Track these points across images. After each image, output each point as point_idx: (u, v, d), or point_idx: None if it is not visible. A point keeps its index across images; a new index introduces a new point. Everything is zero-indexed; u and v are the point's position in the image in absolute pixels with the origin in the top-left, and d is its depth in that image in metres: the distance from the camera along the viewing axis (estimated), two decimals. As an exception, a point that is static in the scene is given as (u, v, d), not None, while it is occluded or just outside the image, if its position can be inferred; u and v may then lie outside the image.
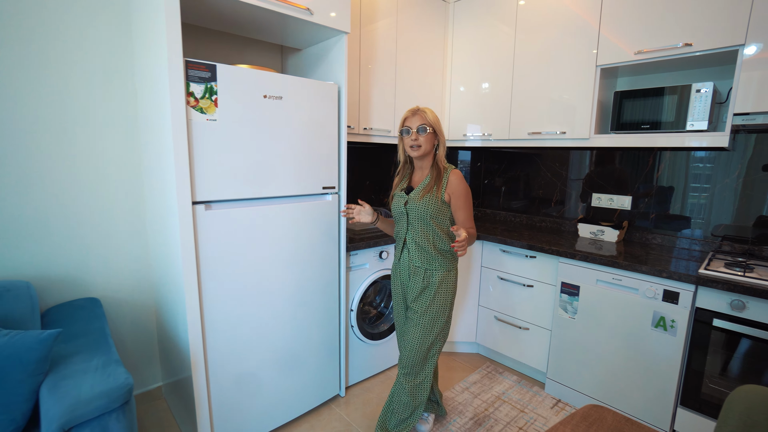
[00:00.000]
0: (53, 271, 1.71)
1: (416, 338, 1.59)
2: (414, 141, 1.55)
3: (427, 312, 1.58)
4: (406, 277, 1.65)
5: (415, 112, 1.57)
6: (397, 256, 1.69)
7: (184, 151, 1.37)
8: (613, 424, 0.86)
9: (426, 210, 1.54)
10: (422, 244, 1.57)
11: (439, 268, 1.58)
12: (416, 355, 1.59)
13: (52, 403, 1.12)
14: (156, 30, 1.38)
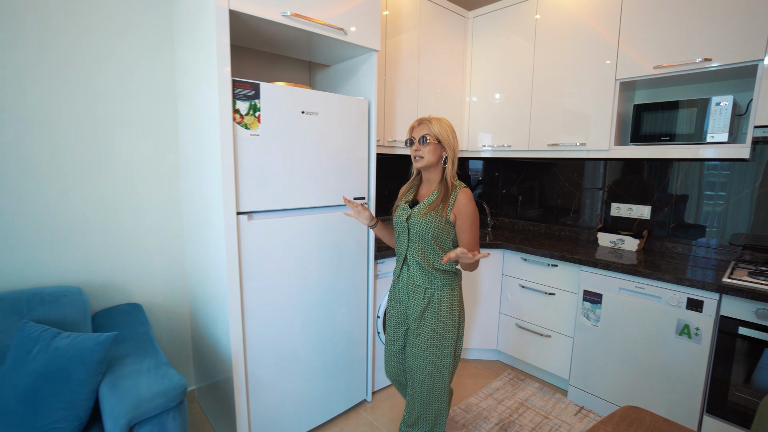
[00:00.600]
0: (98, 278, 1.80)
1: (428, 368, 1.47)
2: (416, 151, 1.47)
3: (434, 335, 1.46)
4: (405, 296, 1.54)
5: (421, 121, 1.49)
6: (396, 273, 1.58)
7: (230, 164, 1.46)
8: (651, 423, 0.91)
9: (428, 228, 1.43)
10: (422, 263, 1.47)
11: (441, 287, 1.47)
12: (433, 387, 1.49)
13: (116, 401, 1.20)
14: (205, 51, 1.47)
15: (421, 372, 1.49)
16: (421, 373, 1.49)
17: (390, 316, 1.63)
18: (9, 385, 1.26)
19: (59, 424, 1.23)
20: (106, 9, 1.68)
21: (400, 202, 1.59)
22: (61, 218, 1.67)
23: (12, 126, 1.52)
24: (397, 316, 1.61)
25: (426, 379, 1.49)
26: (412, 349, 1.51)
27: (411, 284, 1.51)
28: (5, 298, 1.44)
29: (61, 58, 1.60)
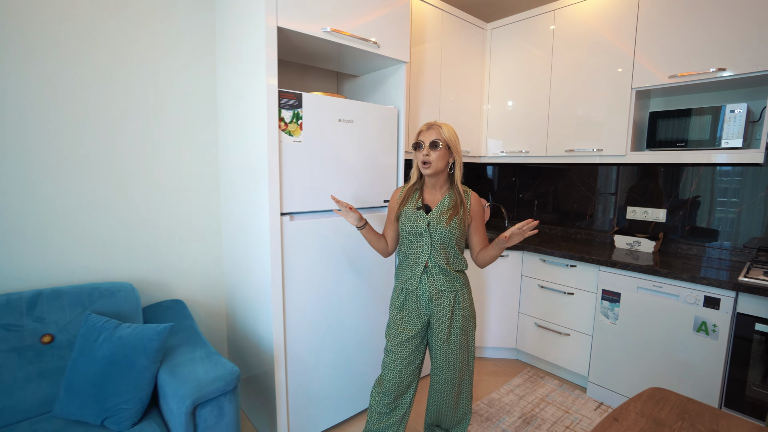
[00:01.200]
0: (145, 275, 1.92)
1: (460, 357, 1.57)
2: (426, 156, 1.45)
3: (462, 333, 1.55)
4: (425, 303, 1.53)
5: (430, 126, 1.48)
6: (411, 283, 1.53)
7: (276, 168, 1.58)
8: (677, 402, 1.00)
9: (452, 233, 1.48)
10: (444, 267, 1.50)
11: (461, 288, 1.55)
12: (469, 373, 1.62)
13: (178, 384, 1.31)
14: (254, 64, 1.59)
15: (457, 370, 1.58)
16: (459, 371, 1.58)
17: (398, 331, 1.56)
18: (80, 369, 1.38)
19: (125, 405, 1.34)
20: (155, 27, 1.82)
21: (406, 208, 1.55)
22: (114, 219, 1.79)
23: (72, 133, 1.66)
24: (412, 325, 1.55)
25: (466, 375, 1.61)
26: (446, 351, 1.55)
27: (434, 290, 1.52)
28: (69, 293, 1.56)
29: (119, 76, 1.74)
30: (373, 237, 1.63)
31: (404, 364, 1.56)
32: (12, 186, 1.54)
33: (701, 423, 0.93)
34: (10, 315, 1.42)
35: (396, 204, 1.59)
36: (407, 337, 1.55)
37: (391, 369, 1.58)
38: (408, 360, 1.56)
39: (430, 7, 2.48)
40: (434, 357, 1.61)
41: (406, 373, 1.57)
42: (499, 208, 3.25)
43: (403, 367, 1.56)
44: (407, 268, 1.56)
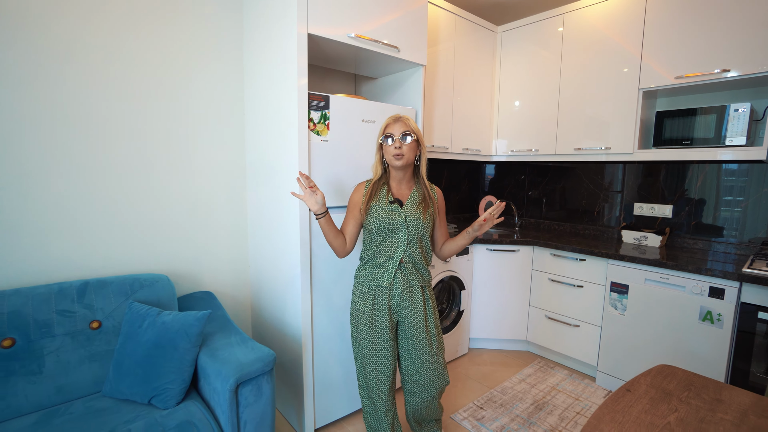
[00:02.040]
0: (177, 268, 2.03)
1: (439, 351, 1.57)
2: (398, 149, 1.44)
3: (435, 323, 1.57)
4: (396, 301, 1.52)
5: (397, 119, 1.47)
6: (384, 280, 1.49)
7: (305, 166, 1.68)
8: (684, 376, 1.09)
9: (427, 227, 1.51)
10: (418, 261, 1.51)
11: (429, 282, 1.59)
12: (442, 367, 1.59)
13: (220, 365, 1.42)
14: (285, 68, 1.70)
15: (435, 360, 1.56)
16: (436, 361, 1.56)
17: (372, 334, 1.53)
18: (128, 352, 1.49)
19: (170, 385, 1.45)
20: (187, 35, 1.93)
21: (377, 203, 1.50)
22: (151, 215, 1.91)
23: (112, 136, 1.77)
24: (383, 329, 1.52)
25: (441, 363, 1.58)
26: (423, 343, 1.53)
27: (406, 286, 1.51)
28: (113, 282, 1.68)
29: (160, 86, 1.85)
30: (331, 230, 1.50)
31: (384, 362, 1.55)
32: (67, 185, 1.66)
33: (706, 393, 1.02)
34: (64, 302, 1.53)
35: (361, 199, 1.53)
36: (382, 338, 1.53)
37: (372, 370, 1.55)
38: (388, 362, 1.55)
39: (443, 11, 2.58)
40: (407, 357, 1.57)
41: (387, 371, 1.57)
42: (509, 206, 3.35)
43: (384, 367, 1.55)
44: (378, 264, 1.51)
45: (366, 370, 1.59)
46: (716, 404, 0.98)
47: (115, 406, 1.44)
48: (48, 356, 1.46)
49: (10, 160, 1.55)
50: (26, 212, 1.60)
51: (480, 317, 2.77)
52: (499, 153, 3.09)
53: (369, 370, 1.57)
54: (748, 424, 0.90)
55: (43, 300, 1.50)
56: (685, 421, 0.92)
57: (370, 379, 1.58)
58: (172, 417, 1.35)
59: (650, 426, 0.90)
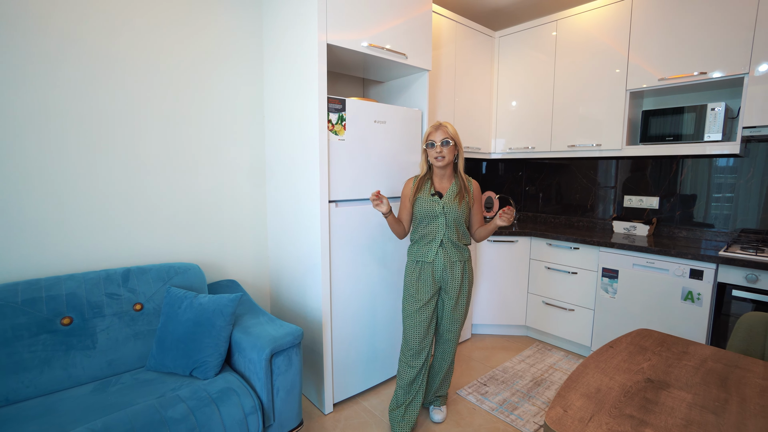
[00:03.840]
0: (205, 258, 2.21)
1: (463, 317, 1.93)
2: (439, 153, 1.75)
3: (469, 294, 1.93)
4: (440, 273, 1.83)
5: (437, 127, 1.77)
6: (428, 256, 1.82)
7: (325, 163, 1.87)
8: (659, 336, 1.28)
9: (462, 214, 1.81)
10: (456, 241, 1.82)
11: (468, 258, 1.88)
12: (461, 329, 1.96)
13: (254, 339, 1.61)
14: (306, 74, 1.89)
15: (458, 329, 1.91)
16: (458, 329, 1.92)
17: (419, 296, 1.84)
18: (170, 330, 1.67)
19: (208, 358, 1.63)
20: (210, 42, 2.12)
21: (421, 195, 1.83)
22: (181, 210, 2.09)
23: (146, 134, 1.96)
24: (427, 294, 1.84)
25: (459, 332, 1.94)
26: (455, 311, 1.88)
27: (447, 261, 1.82)
28: (152, 270, 1.86)
29: (189, 89, 2.04)
30: (393, 222, 1.87)
31: (425, 324, 1.85)
32: (110, 183, 1.84)
33: (675, 347, 1.21)
34: (111, 286, 1.72)
35: (410, 192, 1.87)
36: (424, 303, 1.84)
37: (414, 330, 1.85)
38: (427, 321, 1.86)
39: (445, 19, 2.77)
40: (443, 316, 1.91)
41: (426, 332, 1.86)
42: (507, 200, 3.54)
43: (424, 328, 1.85)
44: (424, 244, 1.85)
45: (407, 333, 1.88)
46: (682, 355, 1.17)
47: (160, 378, 1.62)
48: (100, 333, 1.64)
49: (64, 163, 1.73)
50: (77, 208, 1.78)
51: (482, 304, 2.96)
52: (497, 151, 3.29)
53: (409, 331, 1.87)
54: (705, 367, 1.09)
55: (94, 284, 1.68)
56: (656, 366, 1.11)
57: (410, 339, 1.86)
58: (213, 385, 1.53)
59: (627, 371, 1.09)
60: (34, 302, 1.53)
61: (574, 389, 1.00)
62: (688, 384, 1.03)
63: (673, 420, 0.89)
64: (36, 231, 1.69)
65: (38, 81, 1.65)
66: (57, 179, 1.72)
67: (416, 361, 1.86)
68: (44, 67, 1.66)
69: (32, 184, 1.67)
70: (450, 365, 1.99)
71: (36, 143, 1.67)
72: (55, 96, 1.69)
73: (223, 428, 1.39)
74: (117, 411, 1.35)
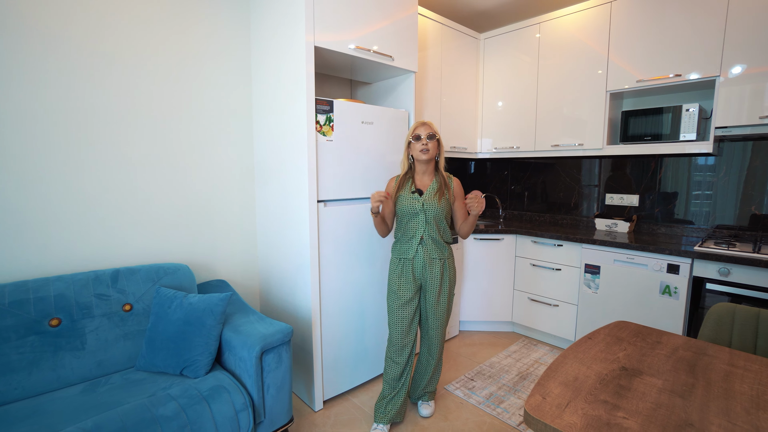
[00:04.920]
0: (194, 258, 2.22)
1: (445, 314, 1.93)
2: (424, 146, 1.80)
3: (450, 292, 1.92)
4: (420, 270, 1.86)
5: (423, 123, 1.84)
6: (408, 253, 1.85)
7: (313, 164, 1.90)
8: (635, 328, 1.34)
9: (442, 211, 1.82)
10: (436, 238, 1.84)
11: (449, 256, 1.90)
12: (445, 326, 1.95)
13: (245, 338, 1.63)
14: (293, 76, 1.91)
15: (441, 326, 1.92)
16: (442, 326, 1.92)
17: (400, 292, 1.87)
18: (160, 330, 1.68)
19: (199, 357, 1.65)
20: (199, 46, 2.13)
21: (403, 192, 1.86)
22: (170, 210, 2.09)
23: (149, 132, 1.96)
24: (408, 291, 1.87)
25: (443, 329, 1.94)
26: (436, 310, 1.89)
27: (427, 258, 1.85)
28: (141, 270, 1.86)
29: (175, 90, 2.04)
30: (380, 222, 1.92)
31: (407, 321, 1.88)
32: (98, 183, 1.84)
33: (649, 338, 1.28)
34: (100, 286, 1.72)
35: (392, 190, 1.91)
36: (406, 300, 1.87)
37: (396, 327, 1.89)
38: (409, 318, 1.89)
39: (430, 21, 2.82)
40: (427, 314, 1.92)
41: (409, 329, 1.89)
42: (493, 199, 3.61)
43: (407, 324, 1.89)
44: (405, 241, 1.88)
45: (392, 328, 1.91)
46: (656, 345, 1.23)
47: (150, 377, 1.63)
48: (89, 334, 1.64)
49: (51, 162, 1.72)
50: (64, 208, 1.77)
51: (469, 301, 3.02)
52: (483, 150, 3.35)
53: (394, 327, 1.90)
54: (676, 355, 1.16)
55: (82, 285, 1.68)
56: (631, 356, 1.17)
57: (393, 336, 1.90)
58: (204, 383, 1.55)
59: (604, 360, 1.14)
60: (22, 304, 1.53)
61: (553, 378, 1.05)
62: (659, 371, 1.09)
63: (643, 404, 0.94)
64: (22, 232, 1.68)
65: (25, 79, 1.65)
66: (44, 179, 1.72)
67: (400, 357, 1.90)
68: (31, 66, 1.66)
69: (18, 183, 1.66)
70: (437, 362, 2.02)
71: (22, 142, 1.66)
72: (42, 94, 1.69)
73: (215, 425, 1.41)
74: (107, 410, 1.36)
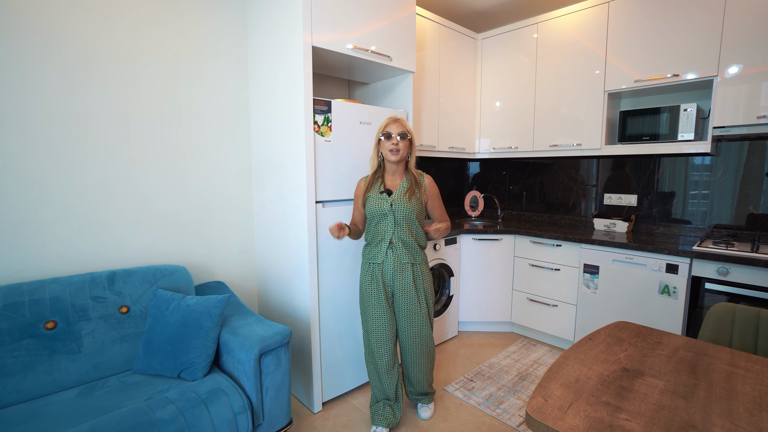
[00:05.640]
0: (192, 260, 2.20)
1: (422, 323, 1.80)
2: (394, 146, 1.69)
3: (423, 301, 1.80)
4: (389, 276, 1.75)
5: (395, 120, 1.72)
6: (377, 257, 1.75)
7: (312, 164, 1.89)
8: (635, 328, 1.34)
9: (412, 211, 1.71)
10: (408, 241, 1.73)
11: (422, 261, 1.79)
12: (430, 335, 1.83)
13: (243, 339, 1.61)
14: (291, 76, 1.90)
15: (423, 335, 1.81)
16: (423, 336, 1.81)
17: (372, 299, 1.78)
18: (157, 332, 1.67)
19: (197, 359, 1.63)
20: (197, 48, 2.12)
21: (372, 193, 1.76)
22: (168, 211, 2.08)
23: (144, 133, 1.95)
24: (379, 297, 1.76)
25: (428, 340, 1.82)
26: (412, 320, 1.78)
27: (397, 264, 1.74)
28: (138, 272, 1.85)
29: (173, 90, 2.03)
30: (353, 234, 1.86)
31: (381, 330, 1.79)
32: (94, 184, 1.82)
33: (650, 338, 1.27)
34: (97, 289, 1.70)
35: (361, 192, 1.82)
36: (379, 307, 1.78)
37: (371, 336, 1.80)
38: (384, 327, 1.79)
39: (428, 21, 2.81)
40: (402, 325, 1.82)
41: (386, 338, 1.80)
42: (491, 199, 3.60)
43: (382, 333, 1.79)
44: (374, 245, 1.78)
45: (370, 338, 1.83)
46: (657, 345, 1.23)
47: (148, 380, 1.61)
48: (85, 337, 1.63)
49: (47, 163, 1.71)
50: (60, 208, 1.75)
51: (468, 302, 3.01)
52: (482, 150, 3.34)
53: (372, 337, 1.81)
54: (677, 356, 1.15)
55: (78, 287, 1.66)
56: (632, 356, 1.16)
57: (373, 344, 1.81)
58: (202, 386, 1.53)
59: (605, 361, 1.14)
60: (17, 307, 1.51)
61: (554, 380, 1.05)
62: (660, 372, 1.08)
63: (645, 405, 0.94)
64: (17, 233, 1.66)
65: (23, 79, 1.63)
66: (41, 179, 1.70)
67: (381, 367, 1.82)
68: (30, 66, 1.64)
69: (15, 183, 1.64)
70: (425, 371, 1.92)
71: (19, 142, 1.64)
72: (39, 95, 1.67)
73: (213, 428, 1.40)
74: (104, 414, 1.34)
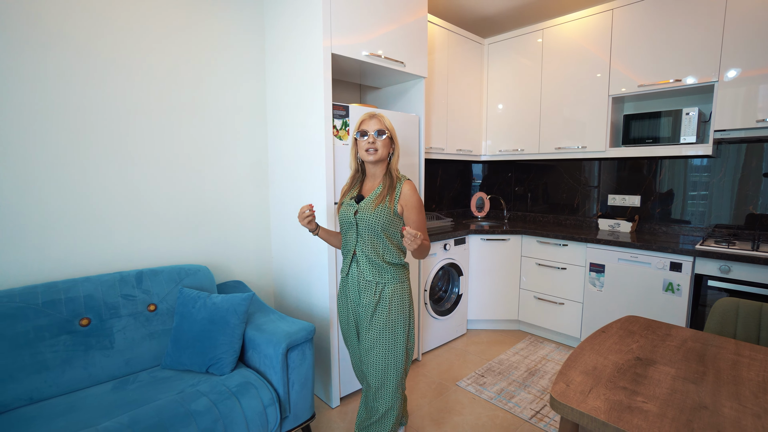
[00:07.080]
0: (212, 259, 2.27)
1: (380, 362, 1.45)
2: (371, 144, 1.44)
3: (385, 329, 1.45)
4: (355, 294, 1.50)
5: (372, 116, 1.48)
6: (344, 270, 1.53)
7: (331, 167, 1.96)
8: (645, 322, 1.42)
9: (377, 221, 1.42)
10: (372, 257, 1.45)
11: (391, 281, 1.46)
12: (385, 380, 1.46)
13: (269, 336, 1.68)
14: (310, 82, 1.98)
15: (374, 368, 1.47)
16: (374, 370, 1.47)
17: (341, 315, 1.61)
18: (185, 329, 1.73)
19: (224, 355, 1.70)
20: (217, 53, 2.19)
21: (345, 199, 1.54)
22: (189, 213, 2.15)
23: (172, 134, 2.02)
24: (347, 315, 1.57)
25: (378, 375, 1.47)
26: (365, 345, 1.48)
27: (362, 280, 1.48)
28: (164, 271, 1.92)
29: (195, 95, 2.11)
30: (331, 238, 1.65)
31: (354, 349, 1.61)
32: (123, 186, 1.89)
33: (659, 331, 1.35)
34: (126, 287, 1.77)
35: (340, 196, 1.61)
36: (349, 326, 1.59)
37: (348, 348, 1.66)
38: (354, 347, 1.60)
39: (437, 27, 2.90)
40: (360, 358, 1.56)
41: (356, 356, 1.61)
42: (497, 200, 3.69)
43: (355, 353, 1.62)
44: (344, 256, 1.56)
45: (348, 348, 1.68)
46: (666, 337, 1.31)
47: (177, 375, 1.68)
48: (117, 334, 1.70)
49: (69, 166, 1.78)
50: (83, 211, 1.82)
51: (476, 300, 3.09)
52: (488, 153, 3.43)
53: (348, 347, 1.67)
54: (686, 346, 1.23)
55: (109, 286, 1.73)
56: (643, 347, 1.24)
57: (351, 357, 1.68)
58: (231, 379, 1.60)
59: (619, 351, 1.22)
60: (54, 304, 1.58)
61: (573, 368, 1.12)
62: (671, 360, 1.16)
63: (660, 389, 1.01)
64: (43, 235, 1.72)
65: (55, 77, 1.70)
66: (63, 183, 1.77)
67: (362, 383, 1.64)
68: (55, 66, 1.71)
69: (39, 189, 1.71)
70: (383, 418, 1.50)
71: (42, 148, 1.70)
72: (66, 99, 1.75)
73: (245, 419, 1.47)
74: (140, 406, 1.41)
